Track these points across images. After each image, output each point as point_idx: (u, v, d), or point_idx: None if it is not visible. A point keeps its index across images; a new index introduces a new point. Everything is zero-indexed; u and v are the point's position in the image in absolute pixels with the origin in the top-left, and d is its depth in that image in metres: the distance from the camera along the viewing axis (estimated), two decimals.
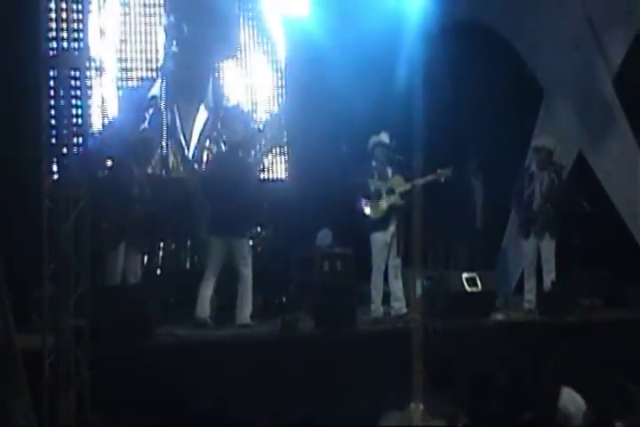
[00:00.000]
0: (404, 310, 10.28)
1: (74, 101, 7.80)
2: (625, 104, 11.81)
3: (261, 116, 11.67)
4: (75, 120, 7.76)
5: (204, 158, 11.20)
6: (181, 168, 10.99)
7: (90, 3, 9.80)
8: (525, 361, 8.03)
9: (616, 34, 11.86)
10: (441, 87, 11.74)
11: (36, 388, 7.23)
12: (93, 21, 10.36)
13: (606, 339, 9.84)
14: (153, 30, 11.06)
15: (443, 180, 10.37)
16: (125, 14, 10.87)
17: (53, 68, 7.68)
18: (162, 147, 10.71)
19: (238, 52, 11.68)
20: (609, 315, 10.67)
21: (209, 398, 7.49)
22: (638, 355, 7.40)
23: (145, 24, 11.01)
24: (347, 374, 8.66)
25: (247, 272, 9.77)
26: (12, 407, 6.96)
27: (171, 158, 10.85)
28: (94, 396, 7.47)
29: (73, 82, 7.80)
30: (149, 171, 9.88)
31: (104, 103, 10.52)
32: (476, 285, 10.19)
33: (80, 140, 7.85)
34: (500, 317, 10.44)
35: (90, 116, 9.99)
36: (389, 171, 10.46)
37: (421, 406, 5.98)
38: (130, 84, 10.83)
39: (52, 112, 7.68)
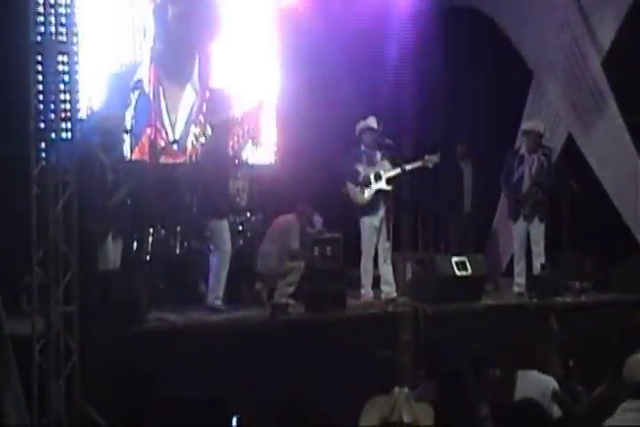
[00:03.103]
0: (394, 294, 10.31)
1: (62, 87, 7.77)
2: (614, 86, 11.81)
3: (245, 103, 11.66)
4: (62, 106, 7.73)
5: (189, 144, 11.18)
6: (167, 153, 10.94)
7: None
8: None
9: (605, 15, 11.85)
10: (429, 71, 11.77)
11: (25, 373, 7.24)
12: (81, 5, 10.31)
13: (596, 321, 9.89)
14: (141, 12, 11.00)
15: (430, 166, 10.40)
16: None
17: (41, 54, 7.64)
18: (149, 131, 10.66)
19: (226, 34, 11.64)
20: (598, 298, 10.71)
21: (199, 384, 7.54)
22: (624, 338, 7.40)
23: (133, 6, 10.95)
24: (336, 358, 8.69)
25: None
26: (2, 406, 6.98)
27: (158, 143, 10.80)
28: (84, 381, 7.48)
29: (60, 67, 7.77)
30: (120, 156, 9.71)
31: (91, 88, 10.47)
32: (465, 268, 10.20)
33: (68, 125, 7.81)
34: (489, 300, 10.48)
35: (78, 101, 9.95)
36: (378, 155, 10.47)
37: (406, 390, 6.02)
38: (116, 67, 10.77)
39: (40, 98, 7.64)
